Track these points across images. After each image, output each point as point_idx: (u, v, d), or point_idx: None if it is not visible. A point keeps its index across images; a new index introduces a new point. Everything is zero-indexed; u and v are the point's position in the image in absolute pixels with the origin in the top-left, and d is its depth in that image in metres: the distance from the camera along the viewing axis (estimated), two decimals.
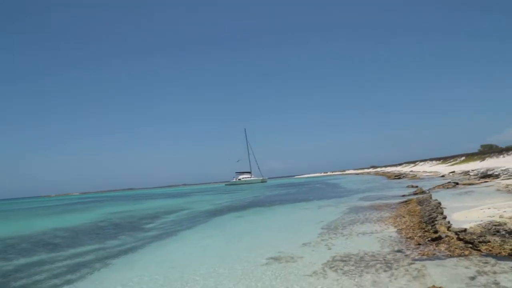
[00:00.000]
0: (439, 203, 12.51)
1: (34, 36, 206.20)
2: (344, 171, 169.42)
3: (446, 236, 7.56)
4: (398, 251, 7.46)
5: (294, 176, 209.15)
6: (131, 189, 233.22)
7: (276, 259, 7.80)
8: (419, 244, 7.68)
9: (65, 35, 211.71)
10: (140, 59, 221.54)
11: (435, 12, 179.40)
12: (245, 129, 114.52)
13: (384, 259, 6.86)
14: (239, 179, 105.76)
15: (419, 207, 12.65)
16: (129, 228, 15.62)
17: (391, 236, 9.08)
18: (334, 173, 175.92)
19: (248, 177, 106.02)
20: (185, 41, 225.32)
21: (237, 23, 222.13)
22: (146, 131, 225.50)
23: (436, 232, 8.01)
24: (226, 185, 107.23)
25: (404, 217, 11.62)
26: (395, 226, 10.41)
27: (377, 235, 9.41)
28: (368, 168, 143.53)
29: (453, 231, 7.74)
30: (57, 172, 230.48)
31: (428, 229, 8.65)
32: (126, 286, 6.76)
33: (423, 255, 6.84)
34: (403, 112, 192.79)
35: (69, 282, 7.35)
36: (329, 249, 8.36)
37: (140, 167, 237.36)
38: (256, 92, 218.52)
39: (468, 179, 27.72)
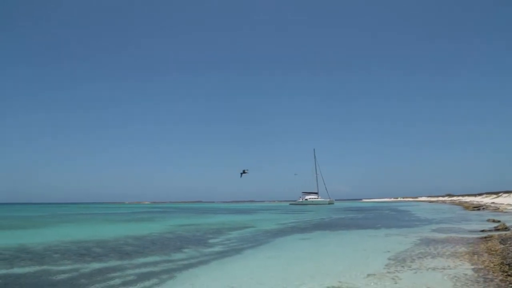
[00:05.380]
0: None
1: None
2: (417, 198, 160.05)
3: None
4: None
5: (361, 199, 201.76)
6: (199, 201, 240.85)
7: None
8: None
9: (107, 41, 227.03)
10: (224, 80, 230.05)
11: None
12: (314, 149, 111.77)
13: None
14: (306, 199, 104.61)
15: (501, 246, 11.53)
16: (194, 242, 16.12)
17: (466, 274, 8.35)
18: (405, 199, 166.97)
19: (315, 198, 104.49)
20: (264, 62, 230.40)
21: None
22: (216, 148, 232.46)
23: None
24: (290, 204, 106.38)
25: (482, 255, 10.66)
26: (472, 264, 9.59)
27: (450, 272, 8.73)
28: (443, 196, 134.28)
29: None
30: (131, 180, 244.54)
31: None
32: None
33: None
34: (487, 140, 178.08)
35: None
36: (395, 283, 7.90)
37: (209, 181, 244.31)
38: (326, 114, 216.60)
39: None
